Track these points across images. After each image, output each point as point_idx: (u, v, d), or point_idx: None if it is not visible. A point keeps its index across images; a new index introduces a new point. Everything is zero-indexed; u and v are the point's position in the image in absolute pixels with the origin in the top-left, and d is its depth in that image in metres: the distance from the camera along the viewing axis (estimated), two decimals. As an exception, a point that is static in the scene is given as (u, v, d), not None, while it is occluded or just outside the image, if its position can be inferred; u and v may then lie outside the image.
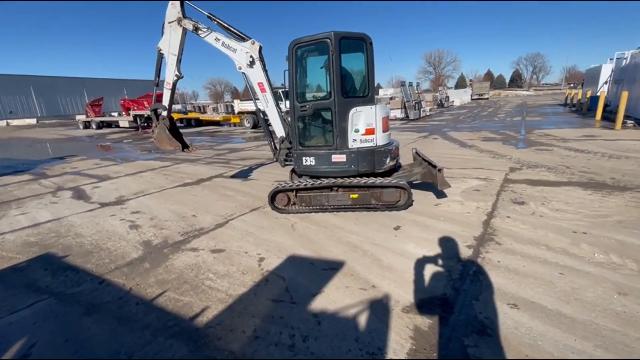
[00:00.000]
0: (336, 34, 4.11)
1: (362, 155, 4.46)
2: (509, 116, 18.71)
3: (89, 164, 10.08)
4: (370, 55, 4.34)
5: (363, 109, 4.37)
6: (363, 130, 4.41)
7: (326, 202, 4.64)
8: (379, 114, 4.40)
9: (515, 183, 5.63)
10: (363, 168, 4.50)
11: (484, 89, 47.65)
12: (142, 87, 47.13)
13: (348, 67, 4.50)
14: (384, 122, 4.54)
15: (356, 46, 4.41)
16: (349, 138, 4.45)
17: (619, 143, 8.53)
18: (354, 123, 4.39)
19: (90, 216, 5.16)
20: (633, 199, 4.51)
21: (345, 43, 4.25)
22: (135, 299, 2.87)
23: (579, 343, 2.10)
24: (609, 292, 2.58)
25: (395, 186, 4.44)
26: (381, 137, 4.51)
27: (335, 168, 4.57)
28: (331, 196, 4.61)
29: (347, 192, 4.56)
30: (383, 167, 4.57)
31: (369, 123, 4.39)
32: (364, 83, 4.56)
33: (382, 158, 4.54)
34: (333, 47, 4.11)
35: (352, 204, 4.58)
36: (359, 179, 4.52)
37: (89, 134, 21.84)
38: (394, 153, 4.65)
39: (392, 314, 2.49)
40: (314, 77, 4.94)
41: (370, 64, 4.39)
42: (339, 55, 4.16)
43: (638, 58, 12.87)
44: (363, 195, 4.53)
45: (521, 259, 3.17)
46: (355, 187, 4.52)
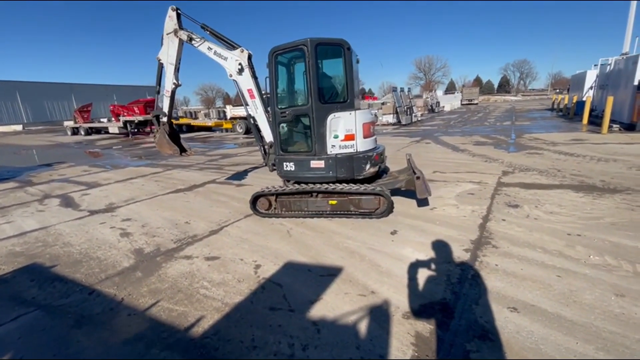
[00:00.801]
0: (312, 41, 4.12)
1: (340, 161, 4.40)
2: (498, 121, 19.04)
3: (77, 171, 9.85)
4: (349, 61, 4.26)
5: (342, 115, 4.32)
6: (342, 136, 4.36)
7: (305, 208, 4.62)
8: (358, 120, 4.34)
9: (509, 186, 5.69)
10: (341, 174, 4.44)
11: (473, 94, 48.51)
12: (132, 93, 46.66)
13: (327, 73, 4.55)
14: (365, 127, 4.46)
15: (334, 52, 4.40)
16: (327, 144, 4.41)
17: (606, 146, 8.72)
18: (332, 129, 4.35)
19: (79, 224, 5.01)
20: (624, 201, 4.59)
21: (322, 49, 4.27)
22: (127, 310, 2.77)
23: (580, 346, 2.09)
24: (607, 293, 2.60)
25: (371, 193, 4.32)
26: (362, 143, 4.44)
27: (314, 174, 4.56)
28: (310, 202, 4.58)
29: (326, 198, 4.50)
30: (362, 174, 4.47)
31: (348, 129, 4.33)
32: (343, 89, 4.45)
33: (361, 164, 4.44)
34: (309, 53, 4.13)
35: (331, 210, 4.52)
36: (337, 185, 4.47)
37: (77, 141, 21.42)
38: (375, 159, 4.52)
39: (393, 320, 2.45)
40: (294, 83, 4.97)
41: (348, 70, 4.29)
42: (315, 62, 4.16)
43: (621, 64, 13.26)
44: (342, 201, 4.45)
45: (518, 262, 3.17)
46: (332, 194, 4.46)
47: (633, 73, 11.39)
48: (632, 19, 15.87)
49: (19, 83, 41.16)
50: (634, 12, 15.85)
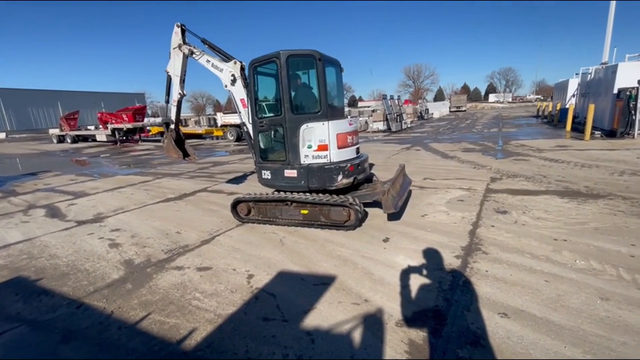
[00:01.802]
0: (283, 53, 4.23)
1: (312, 171, 4.41)
2: (486, 128, 19.47)
3: (63, 180, 9.64)
4: (320, 72, 4.25)
5: (315, 125, 4.32)
6: (315, 147, 4.37)
7: (280, 216, 4.69)
8: (332, 130, 4.31)
9: (497, 193, 5.81)
10: (313, 184, 4.45)
11: (461, 101, 49.53)
12: (121, 100, 46.16)
13: (302, 83, 4.64)
14: (340, 138, 4.40)
15: (306, 63, 4.46)
16: (300, 154, 4.44)
17: (589, 153, 9.01)
18: (306, 139, 4.38)
19: (66, 235, 4.90)
20: (607, 206, 4.74)
21: (295, 61, 4.34)
22: (117, 323, 2.71)
23: (568, 350, 2.14)
24: (592, 297, 2.67)
25: (338, 204, 4.23)
26: (336, 154, 4.39)
27: (288, 183, 4.65)
28: (284, 210, 4.64)
29: (299, 207, 4.52)
30: (334, 185, 4.40)
31: (321, 139, 4.32)
32: (316, 99, 4.43)
33: (333, 175, 4.37)
34: (281, 65, 4.23)
35: (303, 219, 4.53)
36: (303, 194, 4.50)
37: (64, 149, 21.00)
38: (350, 170, 4.42)
39: (387, 328, 2.46)
40: (271, 94, 5.01)
41: (320, 80, 4.27)
42: (287, 73, 4.24)
43: (601, 73, 13.79)
44: (312, 211, 4.44)
45: (508, 267, 3.23)
46: (298, 202, 4.50)
47: (612, 82, 11.85)
48: (610, 30, 16.56)
49: (3, 90, 40.28)
50: (612, 23, 16.56)
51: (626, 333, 2.25)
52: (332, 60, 4.67)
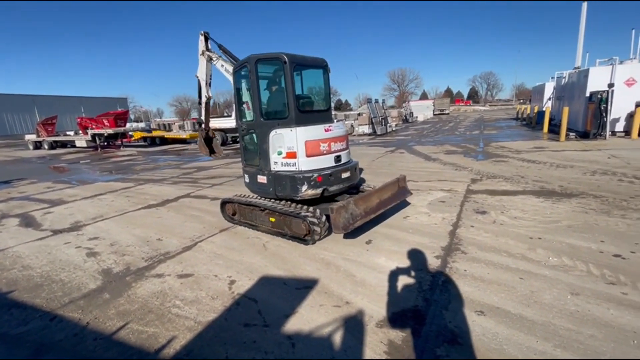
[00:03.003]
0: (252, 57, 4.18)
1: (279, 179, 4.28)
2: (468, 130, 19.96)
3: (39, 188, 9.31)
4: (288, 75, 4.03)
5: (283, 132, 4.15)
6: (284, 154, 4.21)
7: (255, 220, 4.74)
8: (300, 137, 4.06)
9: (477, 193, 5.96)
10: (280, 192, 4.32)
11: (444, 104, 50.66)
12: (103, 104, 44.96)
13: (276, 87, 4.49)
14: (309, 146, 4.11)
15: (275, 67, 4.32)
16: (270, 160, 4.34)
17: (564, 153, 9.37)
18: (276, 145, 4.25)
19: (41, 245, 4.73)
20: (579, 205, 4.94)
21: (264, 65, 4.26)
22: (93, 335, 2.63)
23: (540, 344, 2.22)
24: (564, 293, 2.78)
25: (293, 215, 4.06)
26: (305, 163, 4.12)
27: (260, 189, 4.67)
28: (258, 215, 4.65)
29: (269, 213, 4.46)
30: (298, 195, 4.12)
31: (289, 146, 4.13)
32: (284, 104, 4.21)
33: (297, 185, 4.10)
34: (251, 69, 4.20)
35: (271, 227, 4.48)
36: (274, 202, 4.46)
37: (40, 155, 20.28)
38: (318, 181, 4.11)
39: (367, 329, 2.49)
40: (248, 99, 4.92)
41: (288, 84, 4.05)
42: (257, 78, 4.18)
43: (574, 77, 14.40)
44: (278, 220, 4.34)
45: (485, 266, 3.33)
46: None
47: (585, 85, 12.39)
48: (582, 36, 17.32)
49: (-25, 95, 38.60)
50: (584, 30, 17.33)
51: (594, 326, 2.35)
52: (312, 62, 4.51)
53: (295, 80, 4.33)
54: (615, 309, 2.51)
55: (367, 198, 4.32)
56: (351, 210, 3.99)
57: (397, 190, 4.97)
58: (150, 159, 15.18)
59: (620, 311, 2.49)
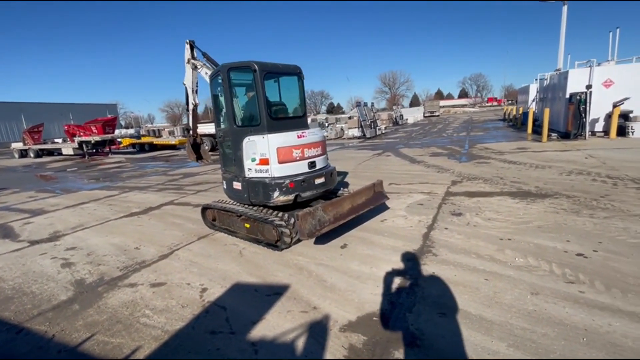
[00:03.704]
0: (224, 66, 4.31)
1: (252, 185, 4.35)
2: (456, 132, 20.21)
3: (21, 197, 9.19)
4: (258, 83, 4.10)
5: (255, 139, 4.22)
6: (258, 160, 4.28)
7: (231, 226, 4.81)
8: (272, 144, 4.13)
9: (456, 195, 6.06)
10: (254, 199, 4.40)
11: (434, 106, 51.17)
12: (92, 111, 44.48)
13: (246, 95, 4.61)
14: (281, 152, 4.17)
15: (246, 75, 4.34)
16: (244, 167, 4.43)
17: (544, 154, 9.57)
18: (250, 152, 4.32)
19: (16, 257, 4.69)
20: (551, 205, 5.06)
21: (236, 73, 4.35)
22: (57, 347, 2.63)
23: (494, 344, 2.28)
24: (524, 293, 2.85)
25: (263, 220, 4.14)
26: (277, 169, 4.19)
27: (236, 195, 4.74)
28: (234, 220, 4.71)
29: (244, 220, 4.51)
30: (271, 201, 4.20)
31: (262, 153, 4.20)
32: (256, 111, 4.29)
33: (269, 191, 4.17)
34: (223, 78, 4.29)
35: (247, 233, 4.54)
36: (247, 207, 4.56)
37: (26, 164, 19.99)
38: (290, 187, 4.18)
39: (330, 334, 2.53)
40: (224, 106, 4.96)
41: (258, 92, 4.14)
42: (229, 86, 4.29)
43: (555, 79, 14.73)
44: (252, 226, 4.42)
45: (453, 268, 3.39)
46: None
47: (565, 87, 12.69)
48: (562, 38, 17.74)
49: (-40, 103, 37.91)
50: (564, 32, 17.75)
51: (548, 325, 2.42)
52: (285, 69, 4.57)
53: (271, 87, 4.46)
54: (571, 308, 2.59)
55: (338, 204, 4.35)
56: (319, 216, 4.01)
57: (372, 195, 4.98)
58: (138, 166, 15.07)
59: (574, 309, 2.57)
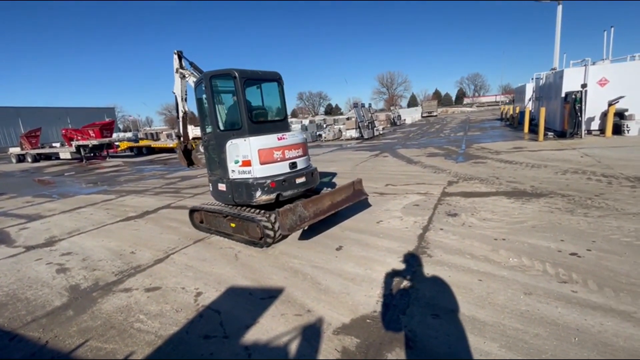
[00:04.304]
0: (207, 74, 4.52)
1: (236, 186, 4.54)
2: (453, 132, 20.25)
3: (18, 203, 9.17)
4: (239, 89, 4.33)
5: (238, 142, 4.43)
6: (240, 162, 4.47)
7: (218, 226, 4.95)
8: (253, 146, 4.35)
9: (452, 196, 6.07)
10: (238, 199, 4.57)
11: (432, 107, 51.23)
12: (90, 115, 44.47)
13: (231, 101, 4.82)
14: (262, 154, 4.39)
15: (228, 82, 4.55)
16: (228, 169, 4.60)
17: (540, 153, 9.59)
18: (234, 154, 4.50)
19: (11, 262, 4.67)
20: (546, 205, 5.07)
21: (218, 80, 4.57)
22: (51, 353, 2.62)
23: (486, 345, 2.29)
24: (517, 293, 2.86)
25: (246, 218, 4.33)
26: (259, 170, 4.40)
27: (220, 196, 4.90)
28: (220, 221, 4.87)
29: (230, 219, 4.69)
30: (254, 201, 4.40)
31: (244, 155, 4.41)
32: (237, 116, 4.52)
33: (252, 191, 4.38)
34: (206, 85, 4.50)
35: (233, 232, 4.71)
36: (232, 207, 4.73)
37: (23, 168, 19.94)
38: (271, 187, 4.39)
39: (323, 337, 2.53)
40: (208, 112, 5.13)
41: (239, 97, 4.37)
42: (212, 92, 4.50)
43: (551, 78, 14.79)
44: (238, 226, 4.60)
45: (448, 269, 3.40)
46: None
47: (560, 86, 12.73)
48: (558, 37, 17.82)
49: (-44, 108, 37.80)
50: (559, 31, 17.84)
51: (540, 325, 2.43)
52: (264, 76, 4.81)
53: (253, 93, 4.73)
54: (563, 307, 2.60)
55: (318, 201, 4.58)
56: (299, 212, 4.24)
57: (351, 192, 5.23)
58: (135, 170, 15.05)
59: (567, 309, 2.58)
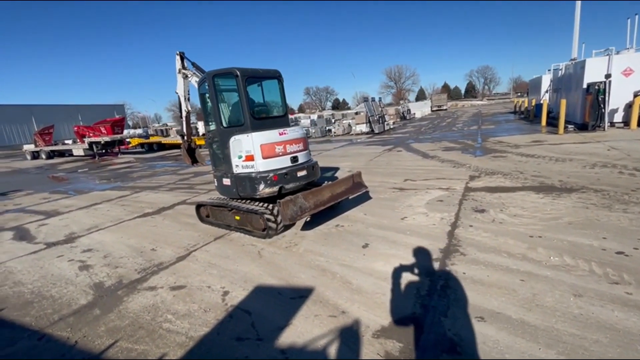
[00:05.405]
0: (209, 73, 4.65)
1: (240, 180, 4.66)
2: (466, 126, 19.84)
3: (35, 199, 9.24)
4: (241, 87, 4.44)
5: (241, 137, 4.55)
6: (244, 157, 4.59)
7: (223, 219, 5.07)
8: (256, 142, 4.47)
9: (476, 191, 5.87)
10: (242, 192, 4.69)
11: (442, 100, 50.41)
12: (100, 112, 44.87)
13: (233, 99, 4.90)
14: (264, 149, 4.51)
15: (230, 80, 4.64)
16: (232, 164, 4.72)
17: (562, 147, 9.27)
18: (236, 150, 4.63)
19: (34, 259, 4.66)
20: (579, 200, 4.85)
21: (220, 79, 4.68)
22: (81, 354, 2.55)
23: (543, 352, 2.13)
24: (566, 295, 2.69)
25: (250, 211, 4.47)
26: (262, 164, 4.51)
27: (225, 190, 5.03)
28: (225, 214, 5.00)
29: (234, 213, 4.79)
30: (257, 194, 4.52)
31: (247, 150, 4.53)
32: (240, 113, 4.65)
33: (255, 185, 4.50)
34: (209, 84, 4.62)
35: (237, 224, 4.83)
36: (236, 201, 4.85)
37: (38, 165, 20.23)
38: (274, 180, 4.52)
39: (363, 340, 2.40)
40: (212, 109, 5.20)
41: (241, 95, 4.48)
42: (215, 90, 4.61)
43: (571, 69, 14.29)
44: (242, 218, 4.72)
45: (485, 268, 3.24)
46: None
47: (582, 77, 12.29)
48: (577, 26, 17.24)
49: (-28, 107, 38.54)
50: (579, 20, 17.24)
51: (599, 330, 2.26)
52: (265, 74, 4.90)
53: (254, 90, 4.87)
54: (620, 311, 2.43)
55: (318, 192, 4.72)
56: (300, 203, 4.38)
57: (351, 184, 5.34)
58: (147, 166, 15.11)
59: (625, 313, 2.40)
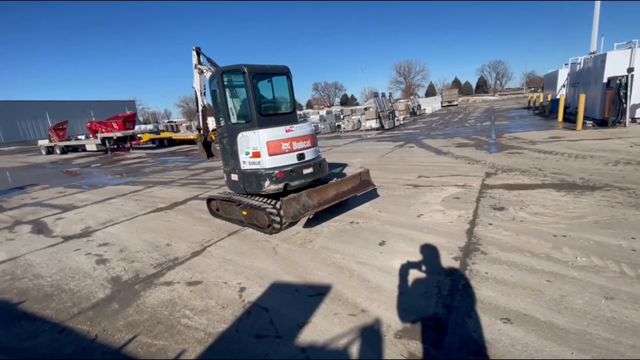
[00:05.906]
0: (218, 70, 4.69)
1: (247, 176, 4.70)
2: (478, 121, 19.46)
3: (51, 193, 9.41)
4: (248, 84, 4.43)
5: (248, 134, 4.56)
6: (251, 153, 4.61)
7: (231, 214, 5.14)
8: (262, 138, 4.46)
9: (493, 188, 5.73)
10: (248, 188, 4.73)
11: (453, 96, 49.64)
12: (112, 108, 45.63)
13: (242, 95, 4.85)
14: (270, 145, 4.49)
15: (238, 77, 4.64)
16: (240, 160, 4.75)
17: (582, 143, 8.99)
18: (244, 146, 4.64)
19: (52, 252, 4.72)
20: (604, 198, 4.67)
21: (228, 76, 4.69)
22: (101, 348, 2.56)
23: (576, 356, 2.04)
24: (596, 297, 2.58)
25: (255, 207, 4.52)
26: (268, 161, 4.51)
27: (233, 186, 5.09)
28: (233, 209, 5.06)
29: (242, 208, 4.82)
30: (263, 190, 4.53)
31: (254, 147, 4.54)
32: (247, 109, 4.63)
33: (261, 181, 4.51)
34: (218, 80, 4.65)
35: (244, 219, 4.88)
36: (243, 196, 4.90)
37: (53, 160, 20.63)
38: (279, 177, 4.51)
39: (385, 340, 2.35)
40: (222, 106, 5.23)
41: (249, 92, 4.47)
42: (223, 87, 4.64)
43: (590, 63, 13.83)
44: (249, 213, 4.75)
45: (508, 268, 3.14)
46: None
47: (602, 71, 11.87)
48: (597, 19, 16.65)
49: (-11, 102, 39.54)
50: (599, 13, 16.64)
51: (634, 335, 2.16)
52: (273, 70, 4.85)
53: (263, 86, 4.86)
54: (656, 315, 2.31)
55: (323, 190, 4.69)
56: (303, 201, 4.37)
57: (358, 183, 5.26)
58: (158, 161, 15.26)
59: (662, 317, 2.28)
